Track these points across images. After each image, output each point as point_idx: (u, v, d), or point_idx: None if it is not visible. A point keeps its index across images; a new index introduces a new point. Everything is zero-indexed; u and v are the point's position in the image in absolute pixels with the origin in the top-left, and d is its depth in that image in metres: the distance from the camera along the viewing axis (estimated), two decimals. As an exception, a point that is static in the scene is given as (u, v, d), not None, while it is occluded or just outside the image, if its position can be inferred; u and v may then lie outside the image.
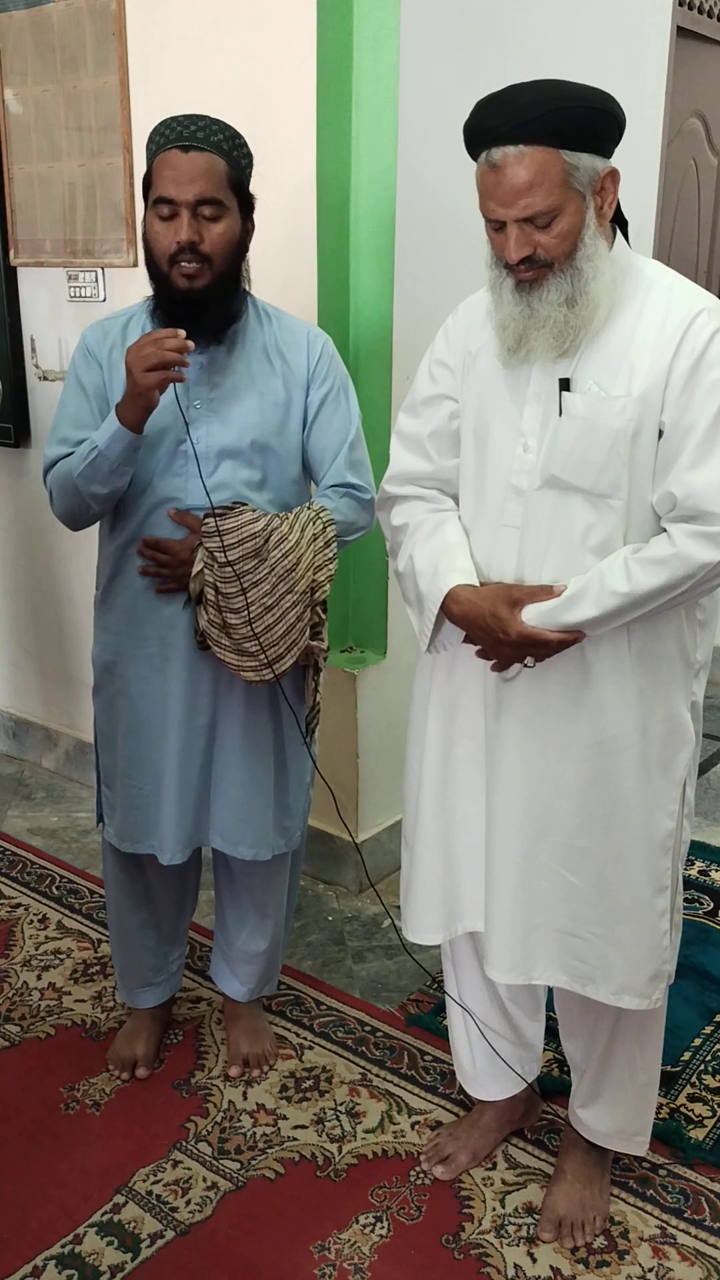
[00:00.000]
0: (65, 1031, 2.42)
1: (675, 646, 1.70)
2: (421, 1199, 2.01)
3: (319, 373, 2.02)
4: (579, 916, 1.75)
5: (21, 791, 3.51)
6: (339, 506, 2.01)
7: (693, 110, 3.91)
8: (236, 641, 1.90)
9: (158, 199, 1.84)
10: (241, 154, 1.89)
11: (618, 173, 1.57)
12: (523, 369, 1.65)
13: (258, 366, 1.98)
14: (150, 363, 1.76)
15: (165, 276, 1.88)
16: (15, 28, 2.98)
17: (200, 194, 1.82)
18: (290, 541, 1.90)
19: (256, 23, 2.53)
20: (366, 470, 2.08)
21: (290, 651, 1.93)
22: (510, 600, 1.64)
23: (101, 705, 2.13)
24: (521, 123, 1.48)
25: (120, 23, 2.75)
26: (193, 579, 1.92)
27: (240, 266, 1.93)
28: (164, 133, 1.85)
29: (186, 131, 1.83)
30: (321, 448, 2.04)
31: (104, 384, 1.97)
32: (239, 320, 1.96)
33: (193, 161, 1.81)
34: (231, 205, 1.86)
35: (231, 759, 2.07)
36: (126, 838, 2.13)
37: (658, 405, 1.58)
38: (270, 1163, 2.08)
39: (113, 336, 1.99)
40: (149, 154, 1.87)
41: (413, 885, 1.92)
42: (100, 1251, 1.89)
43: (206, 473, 1.92)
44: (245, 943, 2.28)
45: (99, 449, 1.86)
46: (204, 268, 1.85)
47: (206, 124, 1.85)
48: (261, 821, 2.10)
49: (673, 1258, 1.90)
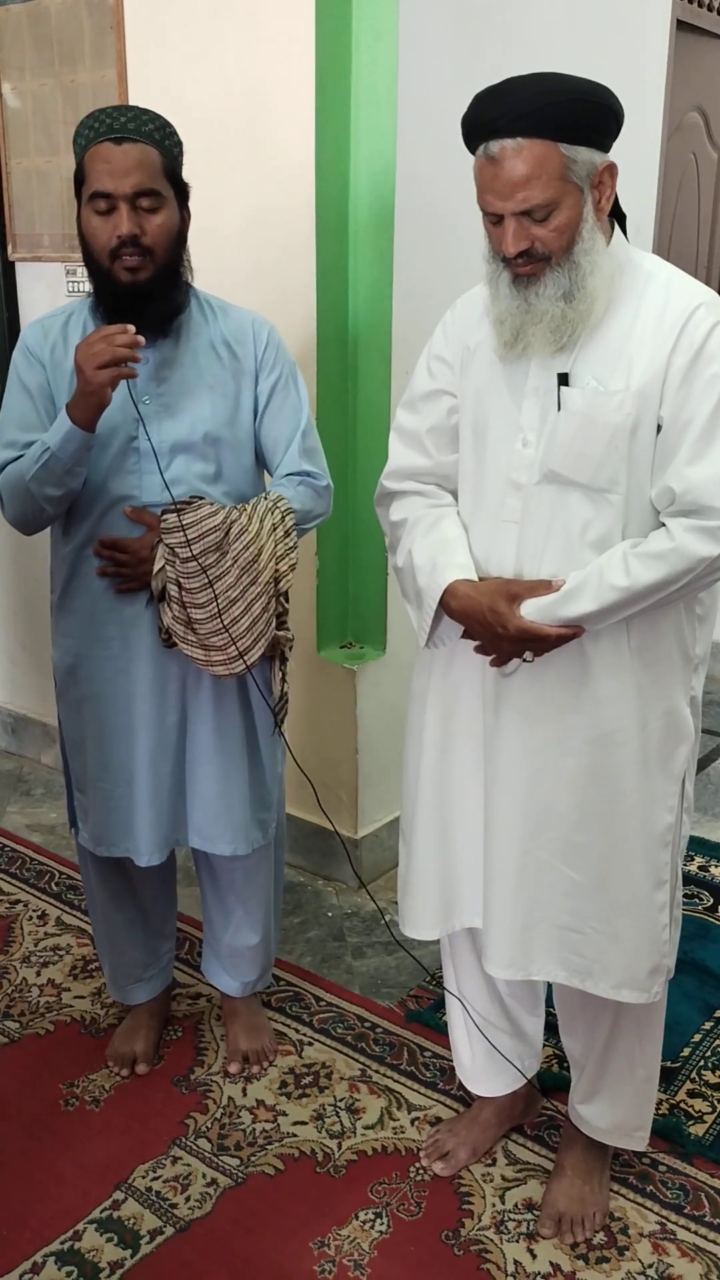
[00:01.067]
0: (64, 1028, 2.42)
1: (674, 641, 1.69)
2: (421, 1195, 2.00)
3: (266, 361, 2.01)
4: (578, 911, 1.75)
5: (20, 788, 3.51)
6: (296, 495, 2.01)
7: (693, 104, 3.90)
8: (203, 636, 1.90)
9: (94, 194, 1.81)
10: (173, 142, 1.86)
11: (615, 167, 1.57)
12: (521, 364, 1.65)
13: (205, 360, 1.96)
14: (102, 360, 1.73)
15: (106, 272, 1.85)
16: (13, 21, 2.97)
17: (137, 185, 1.79)
18: (251, 533, 1.90)
19: (255, 17, 2.52)
20: (320, 457, 2.08)
21: (258, 642, 1.93)
22: (509, 595, 1.64)
23: (67, 710, 2.11)
24: (520, 116, 1.47)
25: (118, 17, 2.75)
26: (154, 576, 1.91)
27: (181, 257, 1.91)
28: (93, 126, 1.82)
29: (117, 123, 1.80)
30: (274, 437, 2.03)
31: (48, 384, 1.94)
32: (183, 312, 1.94)
33: (126, 153, 1.79)
34: (169, 195, 1.84)
35: (204, 756, 2.06)
36: (101, 842, 2.11)
37: (656, 400, 1.57)
38: (270, 1159, 2.08)
39: (53, 335, 1.96)
40: (78, 149, 1.84)
41: (410, 880, 1.92)
42: (100, 1248, 1.89)
43: (162, 468, 1.90)
44: (233, 938, 2.28)
45: (51, 450, 1.82)
46: (146, 260, 1.83)
47: (136, 114, 1.82)
48: (238, 816, 2.10)
49: (672, 1253, 1.90)
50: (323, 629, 2.86)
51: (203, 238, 2.72)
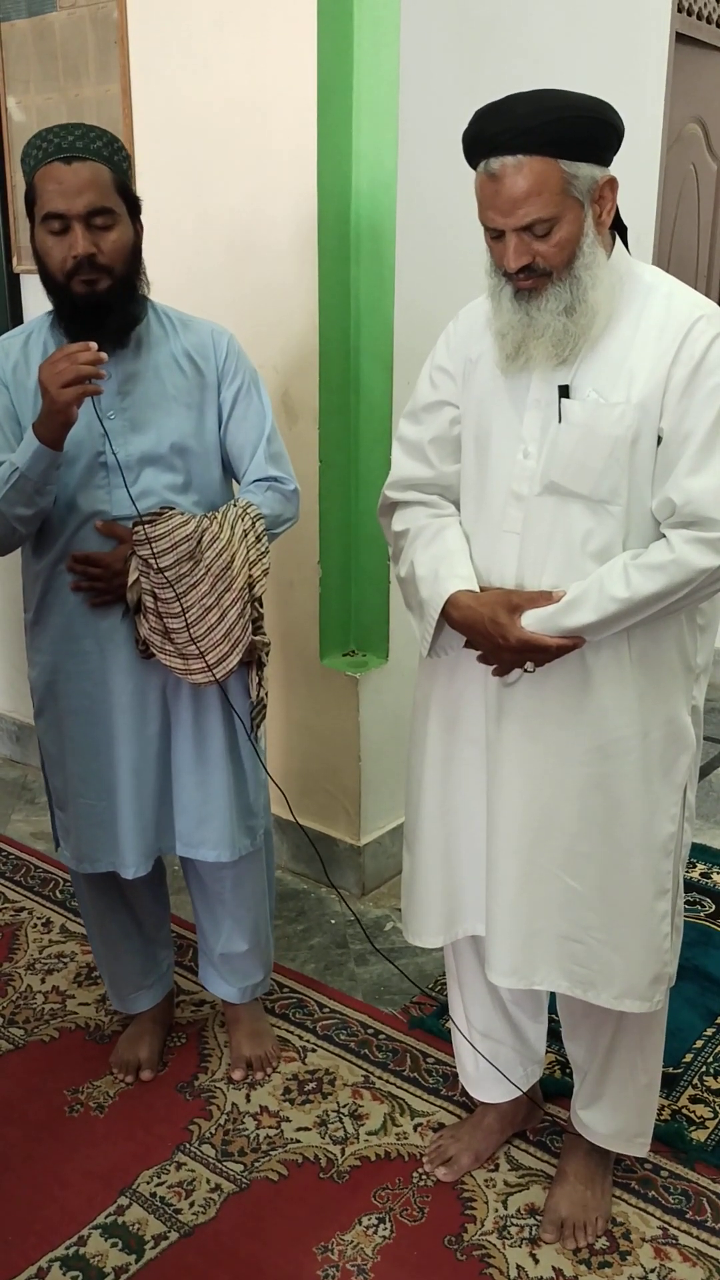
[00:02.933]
0: (69, 1035, 2.43)
1: (675, 651, 1.70)
2: (424, 1200, 2.01)
3: (228, 370, 2.02)
4: (580, 921, 1.76)
5: (25, 795, 3.52)
6: (265, 500, 2.02)
7: (692, 116, 3.93)
8: (180, 646, 1.91)
9: (47, 214, 1.81)
10: (121, 157, 1.87)
11: (616, 181, 1.58)
12: (522, 376, 1.66)
13: (168, 373, 1.98)
14: (66, 378, 1.74)
15: (63, 287, 1.85)
16: (18, 36, 2.99)
17: (90, 204, 1.80)
18: (223, 540, 1.91)
19: (257, 31, 2.54)
20: (286, 462, 2.09)
21: (235, 650, 1.94)
22: (510, 605, 1.65)
23: (46, 727, 2.12)
24: (520, 132, 1.49)
25: (122, 31, 2.77)
26: (129, 589, 1.92)
27: (138, 270, 1.92)
28: (41, 146, 1.82)
29: (65, 142, 1.80)
30: (239, 445, 2.05)
31: (11, 404, 1.94)
32: (140, 322, 1.95)
33: (77, 173, 1.79)
34: (121, 211, 1.85)
35: (186, 764, 2.07)
36: (84, 858, 2.12)
37: (656, 412, 1.58)
38: (273, 1164, 2.09)
39: (14, 355, 1.96)
40: (26, 169, 1.84)
41: (414, 888, 1.93)
42: (104, 1253, 1.90)
43: (129, 481, 1.91)
44: (225, 945, 2.28)
45: (20, 470, 1.82)
46: (104, 276, 1.84)
47: (83, 132, 1.83)
48: (222, 822, 2.10)
49: (674, 1259, 1.90)
50: (325, 637, 2.87)
51: (205, 250, 2.75)
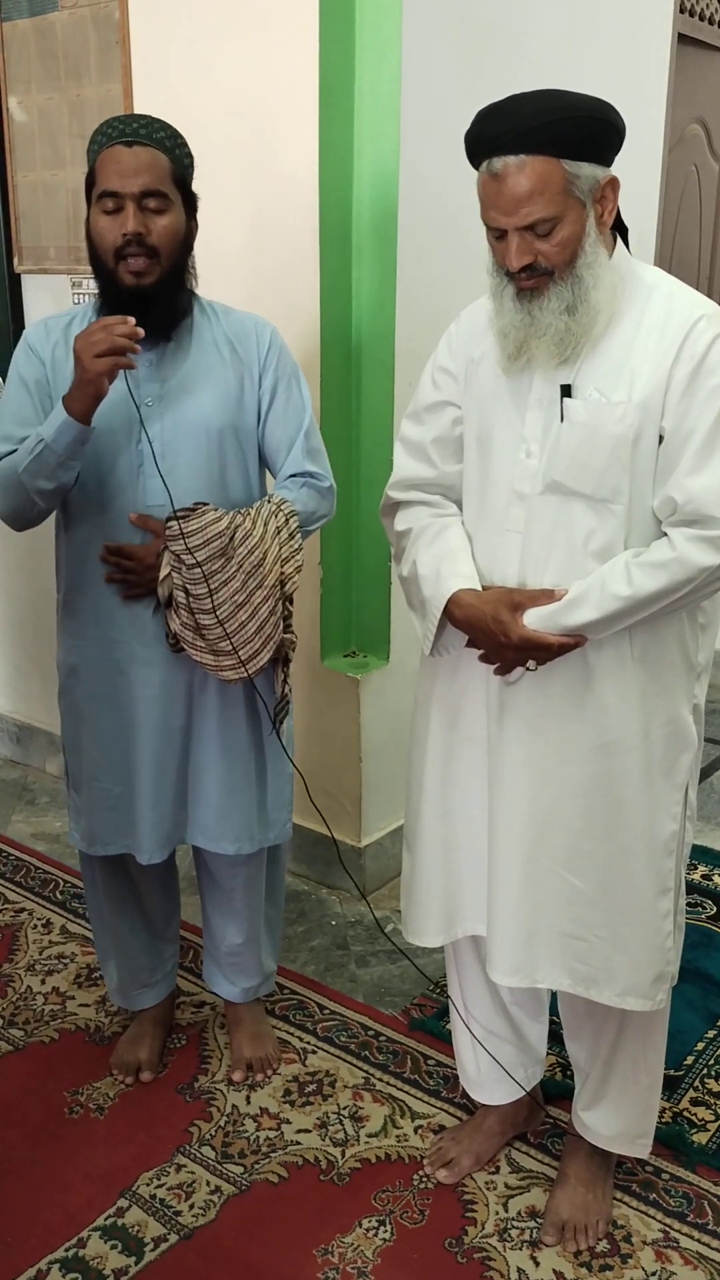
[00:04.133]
0: (69, 1036, 2.43)
1: (677, 649, 1.70)
2: (424, 1203, 2.01)
3: (270, 362, 2.02)
4: (582, 919, 1.76)
5: (25, 796, 3.52)
6: (299, 496, 2.01)
7: (694, 116, 3.93)
8: (211, 642, 1.91)
9: (102, 193, 1.84)
10: (183, 152, 1.89)
11: (618, 181, 1.58)
12: (524, 375, 1.66)
13: (209, 359, 1.98)
14: (100, 348, 1.74)
15: (111, 273, 1.87)
16: (19, 36, 2.99)
17: (145, 186, 1.82)
18: (255, 537, 1.91)
19: (259, 30, 2.55)
20: (323, 458, 2.08)
21: (266, 646, 1.94)
22: (512, 604, 1.65)
23: (67, 708, 2.12)
24: (523, 132, 1.49)
25: (124, 31, 2.77)
26: (160, 583, 1.92)
27: (186, 263, 1.93)
28: (106, 131, 1.86)
29: (129, 129, 1.84)
30: (277, 438, 2.04)
31: (46, 380, 1.95)
32: (186, 317, 1.96)
33: (136, 156, 1.82)
34: (176, 200, 1.87)
35: (209, 759, 2.07)
36: (95, 841, 2.12)
37: (658, 411, 1.58)
38: (274, 1166, 2.08)
39: (55, 335, 1.98)
40: (90, 154, 1.88)
41: (414, 888, 1.92)
42: (104, 1255, 1.90)
43: (164, 470, 1.90)
44: (232, 943, 2.28)
45: (45, 441, 1.82)
46: (152, 263, 1.85)
47: (148, 122, 1.86)
48: (243, 817, 2.10)
49: (675, 1261, 1.90)
50: (326, 638, 2.87)
51: (207, 249, 2.74)
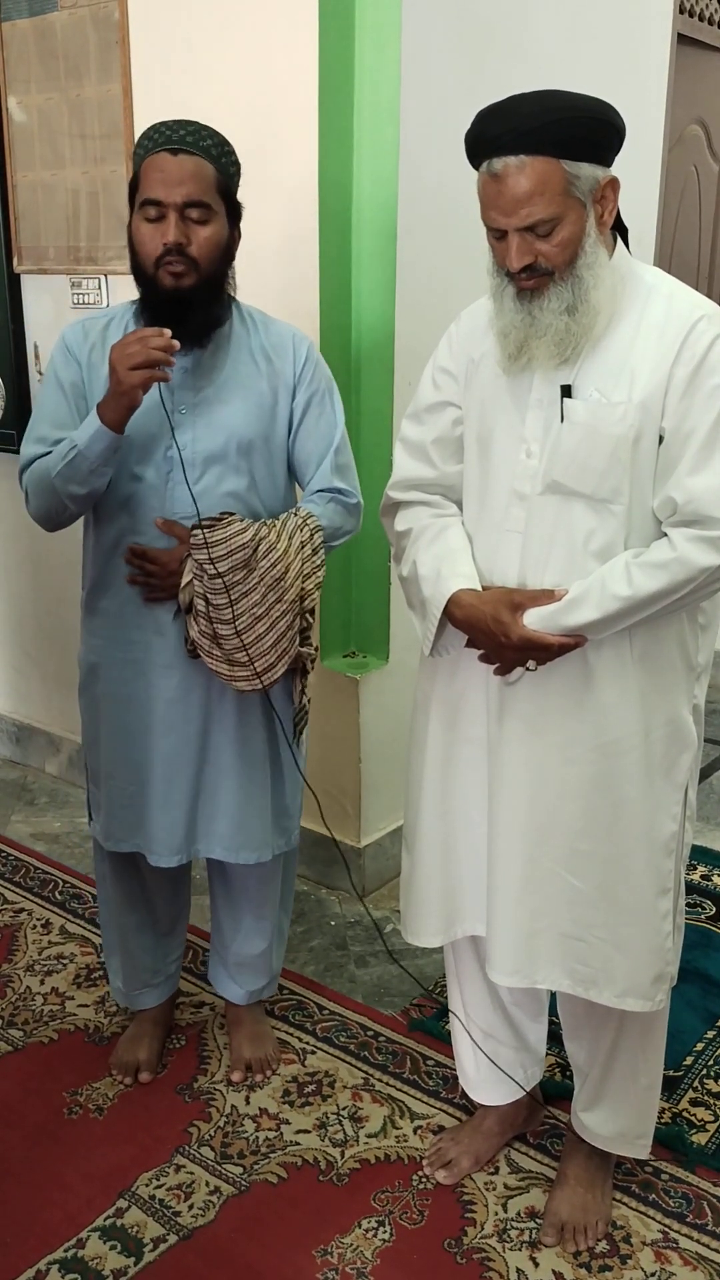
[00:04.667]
0: (68, 1036, 2.43)
1: (677, 650, 1.70)
2: (424, 1203, 2.01)
3: (305, 376, 2.01)
4: (582, 919, 1.76)
5: (24, 796, 3.52)
6: (325, 512, 2.01)
7: (694, 117, 3.93)
8: (228, 652, 1.90)
9: (145, 201, 1.84)
10: (230, 161, 1.89)
11: (618, 181, 1.58)
12: (524, 376, 1.66)
13: (245, 368, 1.97)
14: (135, 360, 1.75)
15: (151, 278, 1.87)
16: (19, 36, 2.99)
17: (188, 196, 1.82)
18: (278, 551, 1.90)
19: (259, 31, 2.55)
20: (352, 474, 2.08)
21: (281, 660, 1.93)
22: (512, 604, 1.65)
23: (85, 705, 2.13)
24: (523, 133, 1.49)
25: (123, 31, 2.77)
26: (182, 589, 1.92)
27: (227, 272, 1.93)
28: (152, 136, 1.85)
29: (175, 135, 1.83)
30: (307, 452, 2.04)
31: (83, 383, 1.96)
32: (223, 325, 1.96)
33: (181, 164, 1.81)
34: (219, 210, 1.86)
35: (226, 765, 2.06)
36: (110, 836, 2.12)
37: (658, 411, 1.58)
38: (273, 1167, 2.08)
39: (93, 337, 1.98)
40: (136, 158, 1.87)
41: (413, 888, 1.92)
42: (103, 1256, 1.90)
43: (192, 478, 1.91)
44: (241, 945, 2.28)
45: (79, 448, 1.83)
46: (190, 269, 1.85)
47: (195, 129, 1.85)
48: (259, 825, 2.10)
49: (675, 1262, 1.90)
50: (326, 638, 2.87)
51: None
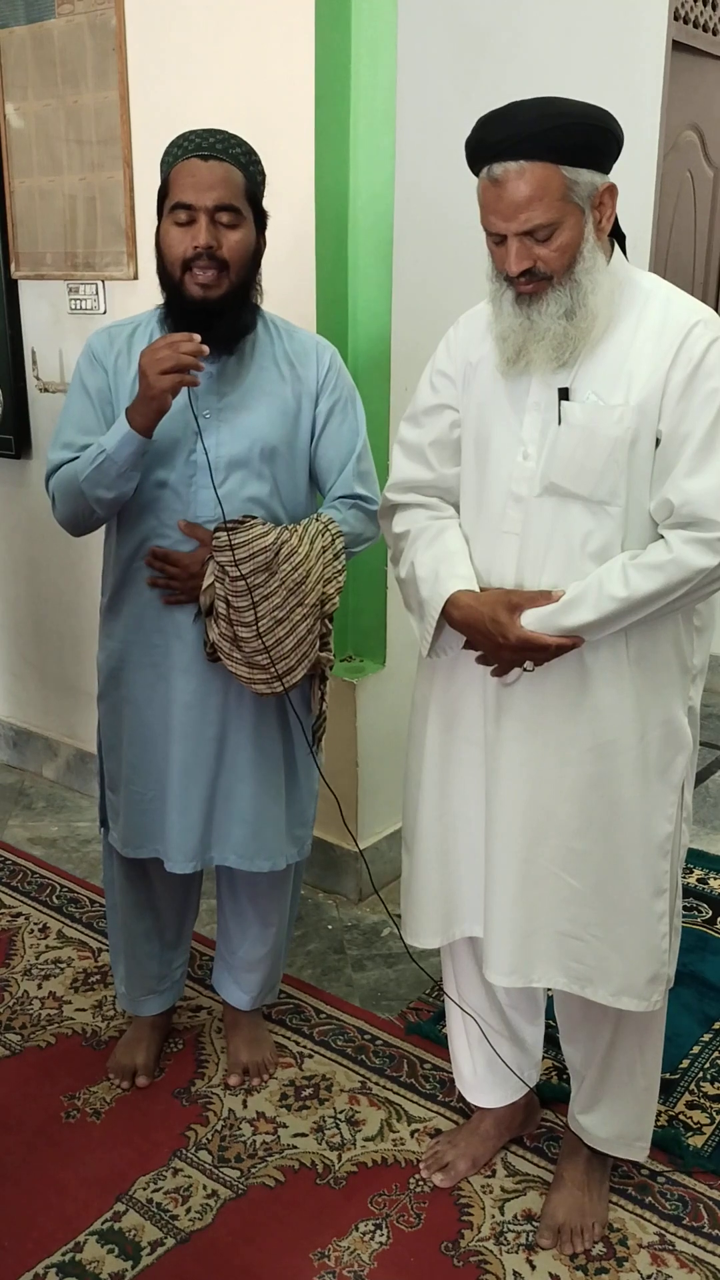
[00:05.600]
0: (66, 1040, 2.42)
1: (673, 651, 1.71)
2: (421, 1206, 2.01)
3: (328, 384, 2.03)
4: (578, 919, 1.76)
5: (22, 801, 3.52)
6: (346, 518, 2.03)
7: (688, 123, 3.95)
8: (248, 655, 1.91)
9: (176, 204, 1.85)
10: (257, 169, 1.91)
11: (616, 188, 1.59)
12: (522, 379, 1.67)
13: (268, 376, 1.99)
14: (165, 365, 1.76)
15: (178, 285, 1.88)
16: (17, 43, 3.00)
17: (219, 200, 1.84)
18: (300, 555, 1.91)
19: (255, 38, 2.56)
20: (373, 481, 2.09)
21: (301, 664, 1.94)
22: (510, 605, 1.66)
23: (106, 711, 2.13)
24: (523, 139, 1.50)
25: (121, 38, 2.78)
26: (203, 592, 1.92)
27: (254, 278, 1.94)
28: (183, 144, 1.87)
29: (206, 143, 1.86)
30: (329, 459, 2.05)
31: (109, 389, 1.97)
32: (250, 332, 1.97)
33: (212, 170, 1.84)
34: (248, 215, 1.88)
35: (243, 771, 2.06)
36: (129, 843, 2.12)
37: (655, 414, 1.60)
38: (270, 1170, 2.08)
39: (119, 344, 1.99)
40: (165, 165, 1.89)
41: (412, 889, 1.93)
42: (101, 1259, 1.90)
43: (216, 482, 1.92)
44: (248, 951, 2.28)
45: (107, 453, 1.85)
46: (221, 275, 1.86)
47: (225, 137, 1.88)
48: (274, 833, 2.10)
49: (671, 1264, 1.90)
50: (323, 642, 2.87)
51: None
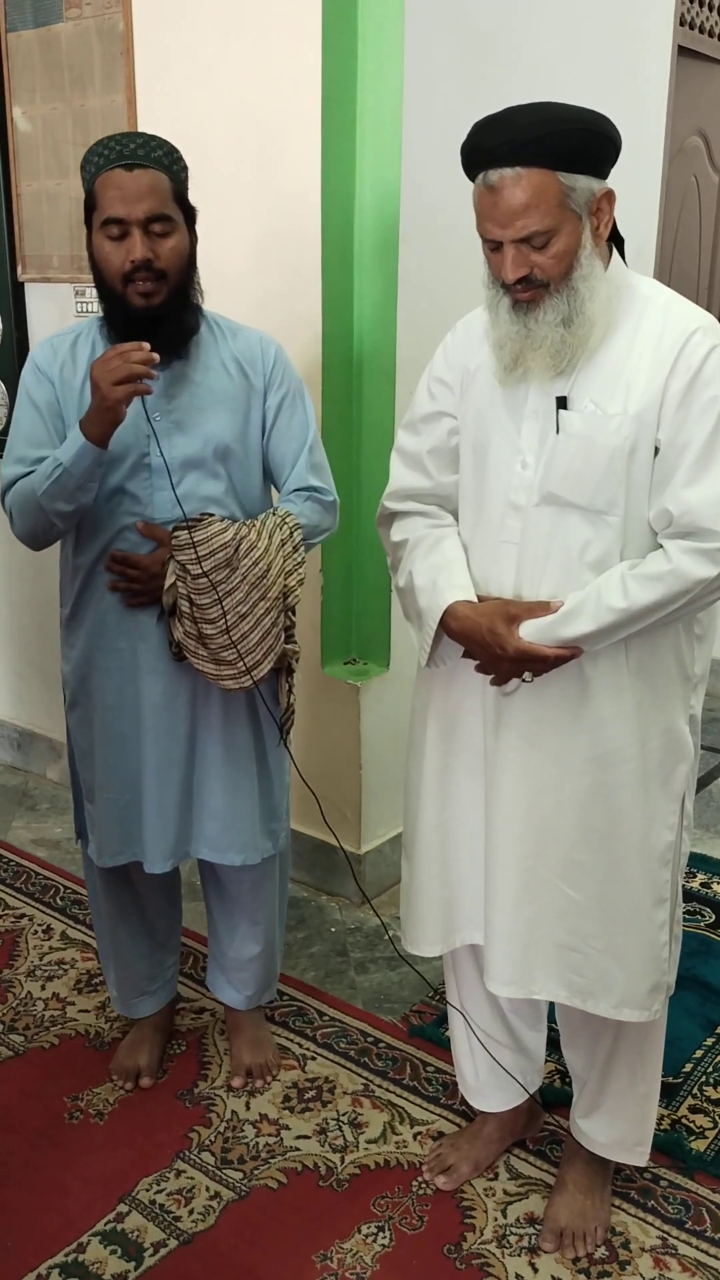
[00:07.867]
0: (69, 1041, 2.43)
1: (673, 660, 1.71)
2: (423, 1209, 2.01)
3: (274, 379, 2.04)
4: (578, 930, 1.76)
5: (26, 803, 3.53)
6: (303, 510, 2.04)
7: (694, 128, 3.94)
8: (213, 651, 1.92)
9: (107, 219, 1.84)
10: (180, 167, 1.90)
11: (613, 194, 1.59)
12: (520, 387, 1.67)
13: (216, 376, 1.99)
14: (118, 375, 1.76)
15: (119, 296, 1.88)
16: (24, 46, 3.01)
17: (150, 211, 1.83)
18: (260, 549, 1.92)
19: (262, 42, 2.56)
20: (327, 473, 2.11)
21: (267, 657, 1.96)
22: (508, 616, 1.65)
23: (77, 721, 2.13)
24: (519, 145, 1.50)
25: (128, 42, 2.79)
26: (165, 592, 1.94)
27: (192, 279, 1.95)
28: (102, 153, 1.85)
29: (127, 150, 1.83)
30: (282, 453, 2.06)
31: (56, 401, 1.97)
32: (195, 334, 1.97)
33: (138, 179, 1.82)
34: (179, 219, 1.88)
35: (213, 767, 2.08)
36: (105, 851, 2.13)
37: (654, 423, 1.59)
38: (273, 1172, 2.09)
39: (62, 354, 1.99)
40: (87, 176, 1.87)
41: (412, 897, 1.93)
42: (104, 1260, 1.91)
43: (173, 484, 1.92)
44: (238, 950, 2.29)
45: (64, 466, 1.84)
46: (160, 283, 1.86)
47: (144, 141, 1.86)
48: (247, 826, 2.11)
49: (674, 1268, 1.90)
50: (327, 645, 2.88)
51: (210, 261, 2.75)
